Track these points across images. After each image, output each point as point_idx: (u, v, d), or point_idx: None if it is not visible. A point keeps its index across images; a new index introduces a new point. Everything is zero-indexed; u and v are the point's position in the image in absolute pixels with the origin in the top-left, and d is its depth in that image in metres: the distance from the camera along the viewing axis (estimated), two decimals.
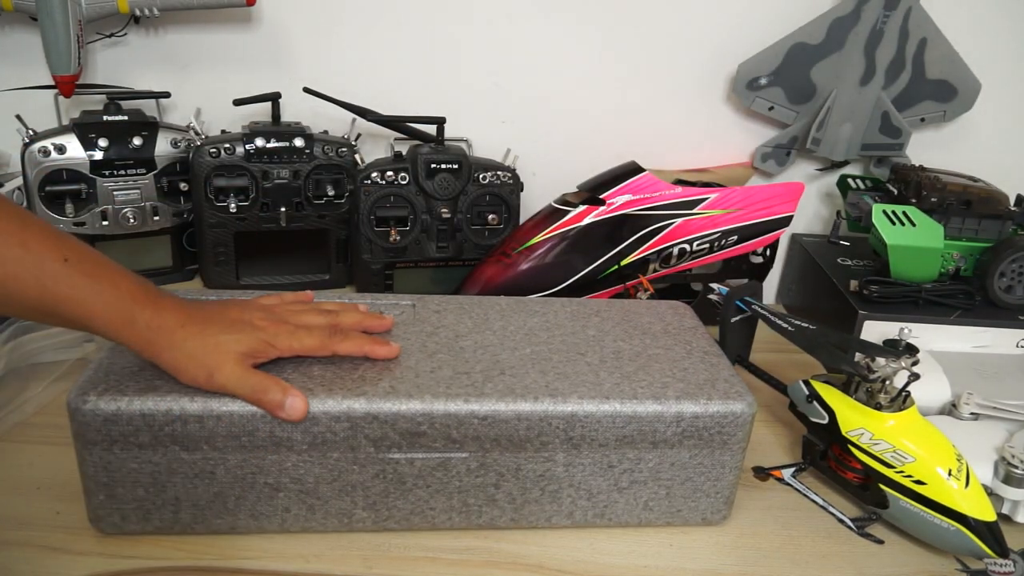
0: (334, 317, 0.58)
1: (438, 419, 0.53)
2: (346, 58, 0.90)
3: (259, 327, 0.53)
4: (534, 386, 0.56)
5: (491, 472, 0.56)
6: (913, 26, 0.90)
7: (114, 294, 0.48)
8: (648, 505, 0.59)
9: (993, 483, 0.62)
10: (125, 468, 0.52)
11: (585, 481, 0.57)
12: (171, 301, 0.51)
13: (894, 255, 0.81)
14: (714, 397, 0.57)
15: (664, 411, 0.56)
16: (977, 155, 0.99)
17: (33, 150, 0.79)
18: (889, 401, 0.61)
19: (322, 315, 0.58)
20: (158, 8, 0.81)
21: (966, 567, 0.59)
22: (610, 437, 0.56)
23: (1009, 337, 0.83)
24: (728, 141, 0.98)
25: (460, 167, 0.84)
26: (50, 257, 0.46)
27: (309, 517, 0.56)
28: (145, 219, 0.84)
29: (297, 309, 0.58)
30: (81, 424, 0.51)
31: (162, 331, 0.50)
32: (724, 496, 0.60)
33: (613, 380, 0.58)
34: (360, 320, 0.60)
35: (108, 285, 0.48)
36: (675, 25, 0.92)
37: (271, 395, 0.51)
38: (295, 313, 0.57)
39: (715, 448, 0.57)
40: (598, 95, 0.95)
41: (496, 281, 0.81)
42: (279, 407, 0.51)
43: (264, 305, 0.57)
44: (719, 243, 0.86)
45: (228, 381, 0.51)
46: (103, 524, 0.54)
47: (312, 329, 0.56)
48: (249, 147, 0.82)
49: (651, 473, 0.58)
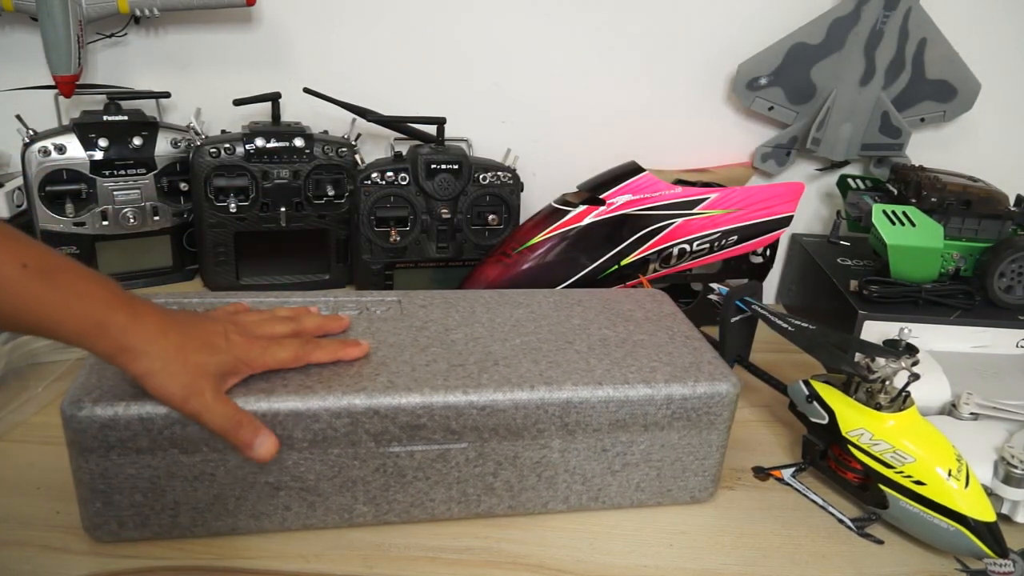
0: (297, 324, 0.57)
1: (437, 411, 0.54)
2: (346, 58, 0.90)
3: (234, 343, 0.51)
4: (528, 375, 0.57)
5: (489, 461, 0.57)
6: (913, 26, 0.90)
7: (81, 301, 0.45)
8: (640, 486, 0.60)
9: (993, 483, 0.62)
10: (122, 474, 0.51)
11: (580, 466, 0.58)
12: (148, 307, 0.49)
13: (894, 255, 0.81)
14: (700, 379, 0.59)
15: (654, 394, 0.57)
16: (977, 155, 0.99)
17: (33, 150, 0.79)
18: (889, 401, 0.61)
19: (285, 323, 0.57)
20: (158, 8, 0.81)
21: (966, 567, 0.59)
22: (604, 422, 0.57)
23: (1009, 337, 0.83)
24: (728, 141, 0.98)
25: (460, 167, 0.84)
26: (7, 264, 0.43)
27: (310, 514, 0.56)
28: (145, 219, 0.84)
29: (257, 319, 0.57)
30: (76, 431, 0.50)
31: (139, 337, 0.47)
32: (711, 475, 0.62)
33: (604, 366, 0.59)
34: (321, 324, 0.59)
35: (73, 293, 0.45)
36: (675, 25, 0.92)
37: (243, 433, 0.50)
38: (258, 324, 0.56)
39: (702, 428, 0.59)
40: (598, 95, 0.95)
41: (496, 281, 0.81)
42: (248, 447, 0.50)
43: (237, 321, 0.55)
44: (719, 243, 0.86)
45: (203, 410, 0.49)
46: (100, 532, 0.53)
47: (284, 342, 0.55)
48: (249, 147, 0.82)
49: (643, 455, 0.59)
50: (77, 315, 0.45)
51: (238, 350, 0.52)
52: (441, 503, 0.57)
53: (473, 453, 0.56)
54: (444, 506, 0.58)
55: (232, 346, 0.51)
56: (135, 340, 0.47)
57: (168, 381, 0.48)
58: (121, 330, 0.46)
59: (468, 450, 0.56)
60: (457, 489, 0.57)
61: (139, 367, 0.48)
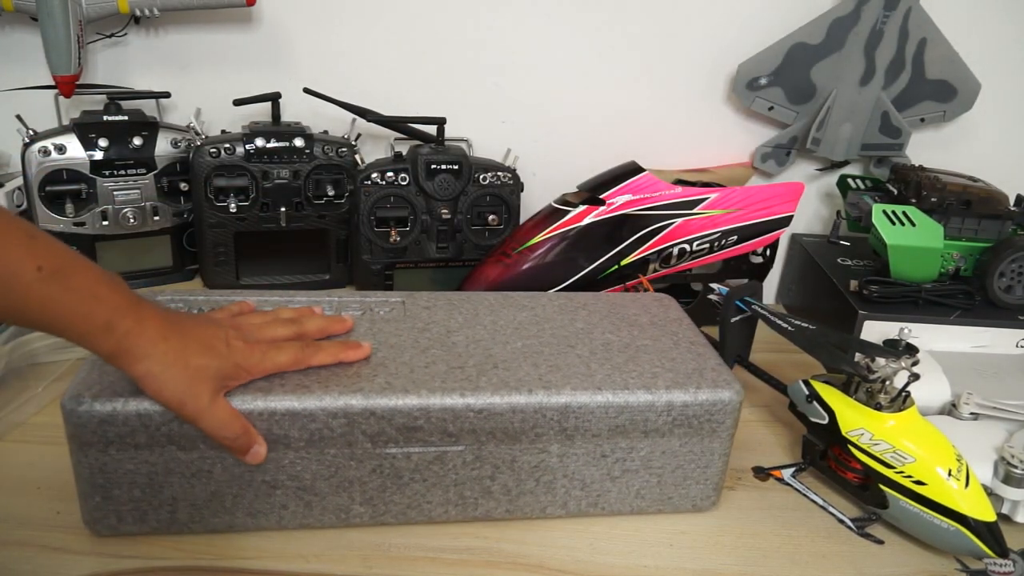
0: (299, 326, 0.57)
1: (434, 413, 0.54)
2: (346, 58, 0.90)
3: (234, 348, 0.52)
4: (527, 379, 0.56)
5: (487, 464, 0.56)
6: (913, 26, 0.90)
7: (92, 304, 0.46)
8: (640, 493, 0.60)
9: (993, 483, 0.62)
10: (121, 469, 0.52)
11: (579, 471, 0.58)
12: (152, 310, 0.49)
13: (894, 255, 0.81)
14: (703, 386, 0.58)
15: (655, 400, 0.57)
16: (977, 155, 0.99)
17: (33, 150, 0.79)
18: (889, 401, 0.61)
19: (286, 326, 0.57)
20: (158, 8, 0.81)
21: (966, 567, 0.59)
22: (603, 427, 0.57)
23: (1009, 337, 0.83)
24: (728, 141, 0.98)
25: (460, 167, 0.84)
26: (23, 266, 0.44)
27: (306, 514, 0.56)
28: (145, 219, 0.84)
29: (260, 322, 0.57)
30: (76, 427, 0.50)
31: (142, 340, 0.48)
32: (713, 483, 0.61)
33: (604, 371, 0.58)
34: (324, 326, 0.59)
35: (87, 296, 0.46)
36: (675, 25, 0.92)
37: (239, 441, 0.51)
38: (259, 327, 0.56)
39: (704, 436, 0.59)
40: (598, 95, 0.95)
41: (496, 281, 0.81)
42: (244, 452, 0.52)
43: (238, 324, 0.55)
44: (719, 243, 0.86)
45: (200, 416, 0.50)
46: (99, 527, 0.54)
47: (283, 346, 0.55)
48: (249, 147, 0.82)
49: (643, 462, 0.59)
50: (86, 317, 0.46)
51: (238, 355, 0.52)
52: (438, 506, 0.57)
53: (470, 456, 0.56)
54: (441, 508, 0.57)
55: (232, 351, 0.51)
56: (137, 343, 0.47)
57: (167, 384, 0.49)
58: (125, 334, 0.47)
59: (465, 453, 0.56)
60: (454, 492, 0.57)
61: (139, 369, 0.48)
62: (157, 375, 0.48)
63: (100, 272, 0.48)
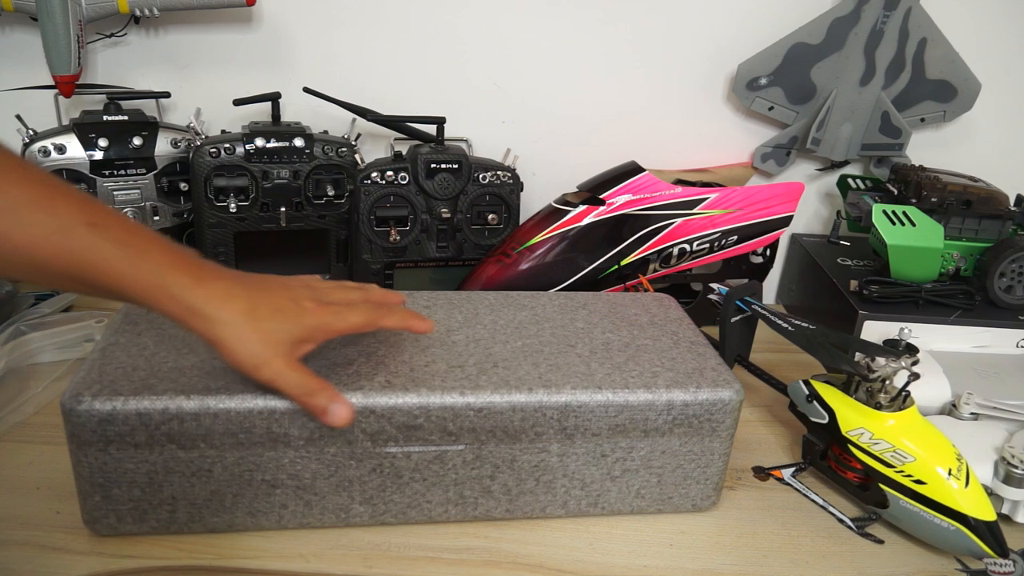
0: (366, 292, 0.58)
1: (434, 412, 0.54)
2: (346, 58, 0.90)
3: (306, 310, 0.51)
4: (527, 378, 0.56)
5: (487, 464, 0.56)
6: (913, 26, 0.90)
7: (145, 260, 0.45)
8: (640, 493, 0.60)
9: (993, 483, 0.62)
10: (121, 468, 0.52)
11: (579, 471, 0.58)
12: (215, 270, 0.48)
13: (894, 255, 0.81)
14: (703, 385, 0.58)
15: (655, 400, 0.57)
16: (977, 155, 0.99)
17: (33, 150, 0.79)
18: (889, 401, 0.61)
19: (355, 291, 0.57)
20: (158, 8, 0.81)
21: (966, 567, 0.59)
22: (603, 427, 0.57)
23: (1009, 337, 0.83)
24: (728, 141, 0.98)
25: (460, 167, 0.84)
26: (76, 222, 0.43)
27: (306, 513, 0.56)
28: (145, 219, 0.84)
29: (329, 286, 0.56)
30: (76, 426, 0.50)
31: (206, 301, 0.46)
32: (713, 483, 0.61)
33: (604, 371, 0.58)
34: (384, 295, 0.59)
35: (138, 251, 0.45)
36: (675, 25, 0.92)
37: (318, 399, 0.50)
38: (330, 291, 0.55)
39: (704, 435, 0.59)
40: (598, 95, 0.95)
41: (496, 281, 0.81)
42: (323, 412, 0.50)
43: (310, 285, 0.54)
44: (719, 243, 0.86)
45: (277, 377, 0.49)
46: (99, 526, 0.54)
47: (357, 307, 0.54)
48: (249, 147, 0.82)
49: (643, 461, 0.59)
50: (143, 276, 0.45)
51: (310, 317, 0.51)
52: (438, 505, 0.57)
53: (470, 455, 0.56)
54: (441, 508, 0.58)
55: (304, 312, 0.50)
56: (199, 302, 0.46)
57: (241, 352, 0.47)
58: (184, 290, 0.46)
59: (465, 452, 0.56)
60: (454, 491, 0.57)
61: (211, 333, 0.47)
62: (228, 339, 0.47)
63: (154, 233, 0.47)
